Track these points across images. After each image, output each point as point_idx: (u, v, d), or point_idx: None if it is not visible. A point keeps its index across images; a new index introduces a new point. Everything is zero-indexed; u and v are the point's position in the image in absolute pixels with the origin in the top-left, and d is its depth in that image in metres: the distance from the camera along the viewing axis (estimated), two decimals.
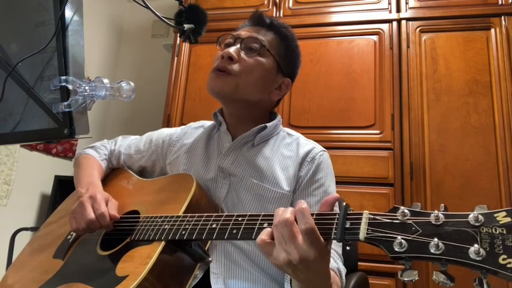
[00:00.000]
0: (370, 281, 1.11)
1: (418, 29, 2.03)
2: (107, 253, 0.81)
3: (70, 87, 0.55)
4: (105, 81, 0.58)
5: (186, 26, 0.77)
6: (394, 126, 1.91)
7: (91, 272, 0.78)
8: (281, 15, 2.27)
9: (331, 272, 0.72)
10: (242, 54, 0.93)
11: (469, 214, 0.47)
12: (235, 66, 0.92)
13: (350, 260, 1.07)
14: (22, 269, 0.93)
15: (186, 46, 2.35)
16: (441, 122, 1.87)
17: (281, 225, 0.56)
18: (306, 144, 0.98)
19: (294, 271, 0.57)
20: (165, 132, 1.12)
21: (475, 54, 1.92)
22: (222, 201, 0.90)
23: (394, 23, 2.07)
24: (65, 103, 0.55)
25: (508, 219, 0.45)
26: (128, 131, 3.09)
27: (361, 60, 2.05)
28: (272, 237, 0.58)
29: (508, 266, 0.42)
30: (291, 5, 2.27)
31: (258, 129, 0.96)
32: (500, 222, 0.45)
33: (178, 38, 2.38)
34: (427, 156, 1.84)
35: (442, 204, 0.51)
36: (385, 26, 2.08)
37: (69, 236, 0.92)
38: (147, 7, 0.68)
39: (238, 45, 0.94)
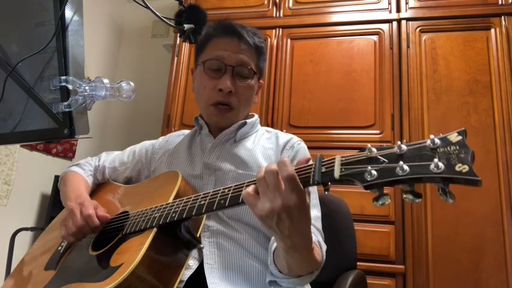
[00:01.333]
0: (369, 281, 1.11)
1: (418, 29, 2.03)
2: (99, 252, 0.81)
3: (70, 87, 0.55)
4: (105, 81, 0.58)
5: (186, 26, 0.77)
6: (394, 126, 1.91)
7: (85, 271, 0.78)
8: (281, 15, 2.27)
9: (313, 244, 0.74)
10: (236, 81, 0.97)
11: (427, 140, 0.52)
12: (234, 99, 0.97)
13: (349, 259, 1.07)
14: (15, 285, 0.94)
15: (186, 46, 2.35)
16: (441, 122, 1.87)
17: (267, 174, 0.60)
18: (284, 135, 1.04)
19: (277, 222, 0.60)
20: (148, 143, 1.16)
21: (475, 54, 1.92)
22: None
23: (394, 23, 2.07)
24: (65, 103, 0.55)
25: (460, 138, 0.51)
26: (128, 131, 3.08)
27: (361, 60, 2.05)
28: (257, 192, 0.62)
29: (463, 170, 0.49)
30: (291, 5, 2.27)
31: (239, 125, 1.01)
32: (454, 141, 0.51)
33: (178, 38, 2.38)
34: None
35: (404, 140, 0.56)
36: (385, 26, 2.08)
37: (60, 247, 0.93)
38: (147, 7, 0.68)
39: (230, 74, 0.96)
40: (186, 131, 1.16)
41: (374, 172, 0.53)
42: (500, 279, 1.64)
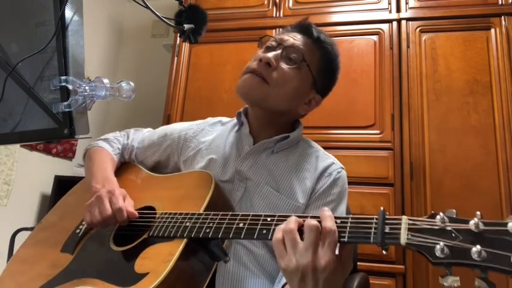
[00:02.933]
0: (370, 281, 1.11)
1: (418, 29, 2.03)
2: (122, 249, 0.78)
3: (70, 87, 0.55)
4: (105, 81, 0.58)
5: (186, 26, 0.77)
6: (394, 126, 1.91)
7: (106, 268, 0.76)
8: (281, 15, 2.27)
9: None
10: (281, 62, 0.91)
11: (508, 223, 0.47)
12: (272, 74, 0.89)
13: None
14: (26, 262, 0.90)
15: (186, 46, 2.35)
16: (441, 122, 1.87)
17: (309, 229, 0.56)
18: (326, 158, 0.97)
19: (299, 282, 0.56)
20: (180, 127, 1.10)
21: (475, 54, 1.92)
22: (236, 204, 0.89)
23: (394, 23, 2.07)
24: (65, 103, 0.55)
25: None
26: None
27: (361, 60, 2.05)
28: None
29: None
30: (291, 5, 2.27)
31: (280, 138, 0.95)
32: None
33: (178, 38, 2.38)
34: (427, 156, 1.84)
35: (478, 212, 0.51)
36: (385, 26, 2.08)
37: (78, 230, 0.89)
38: (147, 7, 0.68)
39: (279, 52, 0.91)
40: (224, 119, 1.10)
41: (446, 249, 0.48)
42: (500, 280, 1.64)
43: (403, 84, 1.96)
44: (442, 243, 0.48)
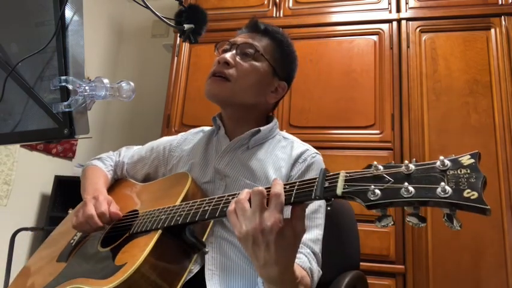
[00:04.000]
0: (369, 281, 1.10)
1: (418, 29, 2.03)
2: (107, 248, 0.82)
3: (70, 87, 0.55)
4: (105, 81, 0.58)
5: (186, 26, 0.77)
6: (394, 126, 1.91)
7: (91, 267, 0.80)
8: (281, 15, 2.27)
9: (302, 271, 0.74)
10: (238, 59, 0.96)
11: (437, 161, 0.50)
12: (231, 71, 0.95)
13: (352, 260, 1.07)
14: (28, 276, 0.96)
15: (186, 46, 2.35)
16: (441, 122, 1.87)
17: (253, 193, 0.59)
18: (300, 146, 1.00)
19: (253, 247, 0.58)
20: (165, 139, 1.15)
21: (475, 54, 1.92)
22: None
23: (394, 23, 2.07)
24: (65, 103, 0.55)
25: (472, 161, 0.48)
26: (128, 131, 3.08)
27: (361, 60, 2.05)
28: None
29: (472, 197, 0.45)
30: (291, 5, 2.27)
31: (252, 132, 0.98)
32: (465, 164, 0.48)
33: (178, 38, 2.38)
34: (427, 156, 1.84)
35: (414, 159, 0.54)
36: (385, 26, 2.08)
37: (72, 240, 0.95)
38: (147, 7, 0.68)
39: (234, 51, 0.97)
40: (206, 128, 1.15)
41: (378, 191, 0.51)
42: (500, 279, 1.64)
43: (403, 84, 1.96)
44: (373, 186, 0.51)
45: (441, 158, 0.50)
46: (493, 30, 1.94)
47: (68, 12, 0.58)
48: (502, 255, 1.66)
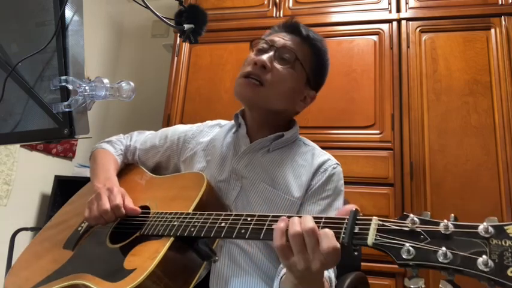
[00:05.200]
0: (369, 281, 1.10)
1: (418, 29, 2.03)
2: (116, 246, 0.81)
3: (70, 87, 0.55)
4: (105, 81, 0.58)
5: (186, 26, 0.77)
6: (394, 126, 1.91)
7: (99, 264, 0.79)
8: (281, 15, 2.27)
9: (323, 280, 0.73)
10: (275, 63, 0.93)
11: (479, 225, 0.46)
12: (267, 76, 0.91)
13: (352, 260, 1.07)
14: (32, 258, 0.95)
15: (186, 46, 2.35)
16: (441, 122, 1.87)
17: (307, 233, 0.57)
18: (321, 155, 0.98)
19: (302, 275, 0.58)
20: (181, 129, 1.12)
21: (475, 54, 1.92)
22: (232, 203, 0.91)
23: (394, 23, 2.07)
24: (65, 103, 0.55)
25: None
26: (128, 130, 3.08)
27: (361, 60, 2.05)
28: (287, 240, 0.58)
29: None
30: (291, 5, 2.27)
31: (275, 136, 0.97)
32: (511, 235, 0.44)
33: (178, 38, 2.38)
34: (427, 156, 1.84)
35: (452, 214, 0.51)
36: (385, 26, 2.08)
37: (80, 228, 0.94)
38: (147, 7, 0.68)
39: (272, 53, 0.93)
40: (222, 122, 1.12)
41: (412, 250, 0.48)
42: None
43: (403, 84, 1.96)
44: (408, 245, 0.48)
45: (485, 223, 0.46)
46: (493, 30, 1.93)
47: (68, 12, 0.58)
48: None
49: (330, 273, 0.80)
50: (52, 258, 0.89)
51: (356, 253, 0.54)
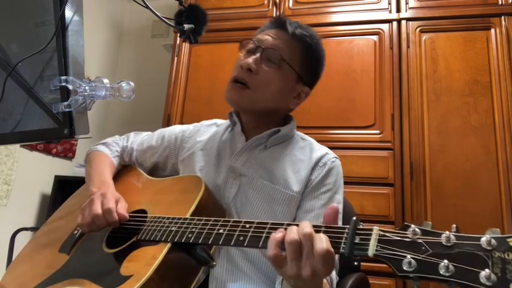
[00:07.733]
0: (370, 281, 1.10)
1: (418, 29, 2.03)
2: (112, 251, 0.80)
3: (70, 87, 0.55)
4: (105, 81, 0.58)
5: (186, 26, 0.77)
6: (394, 126, 1.91)
7: (96, 270, 0.78)
8: (281, 15, 2.27)
9: (324, 280, 0.72)
10: (262, 64, 0.92)
11: (481, 237, 0.46)
12: (254, 78, 0.91)
13: (352, 260, 1.07)
14: (26, 262, 0.93)
15: (186, 46, 2.35)
16: (441, 122, 1.87)
17: (304, 238, 0.56)
18: (320, 149, 0.98)
19: (296, 281, 0.58)
20: (178, 128, 1.12)
21: (475, 54, 1.92)
22: (230, 201, 0.90)
23: (394, 23, 2.07)
24: (65, 103, 0.55)
25: None
26: (128, 131, 3.07)
27: (361, 60, 2.05)
28: (282, 248, 0.57)
29: None
30: (291, 5, 2.27)
31: (271, 132, 0.96)
32: None
33: (178, 38, 2.38)
34: (427, 156, 1.84)
35: (454, 225, 0.50)
36: (385, 26, 2.08)
37: (76, 231, 0.92)
38: (147, 7, 0.68)
39: (259, 55, 0.93)
40: (219, 121, 1.12)
41: (413, 262, 0.47)
42: None
43: (403, 84, 1.96)
44: (409, 257, 0.48)
45: (487, 236, 0.46)
46: (493, 30, 1.93)
47: (68, 12, 0.58)
48: None
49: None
50: (47, 263, 0.87)
51: (356, 263, 0.53)
